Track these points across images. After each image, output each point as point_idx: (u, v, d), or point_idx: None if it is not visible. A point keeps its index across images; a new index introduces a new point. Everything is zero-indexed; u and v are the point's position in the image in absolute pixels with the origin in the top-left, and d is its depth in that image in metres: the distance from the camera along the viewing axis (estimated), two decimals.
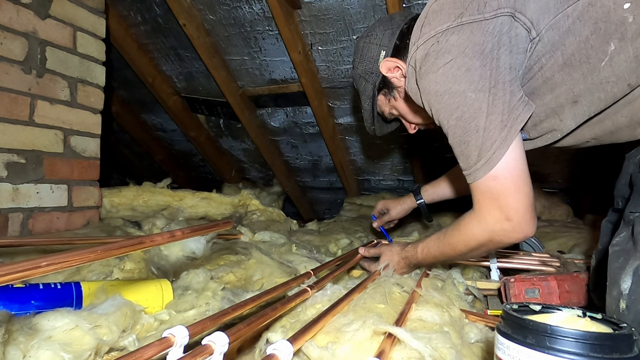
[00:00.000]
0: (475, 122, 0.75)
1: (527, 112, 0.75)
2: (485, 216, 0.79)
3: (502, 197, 0.76)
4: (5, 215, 1.25)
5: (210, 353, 0.47)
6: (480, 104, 0.74)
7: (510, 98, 0.73)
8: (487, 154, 0.74)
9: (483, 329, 0.75)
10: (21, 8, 1.28)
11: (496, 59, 0.73)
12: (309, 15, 1.86)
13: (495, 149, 0.74)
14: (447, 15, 0.77)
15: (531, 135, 0.86)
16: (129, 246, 0.56)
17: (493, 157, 0.74)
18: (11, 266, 0.41)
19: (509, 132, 0.73)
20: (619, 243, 0.65)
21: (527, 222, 0.76)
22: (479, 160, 0.76)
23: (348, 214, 2.42)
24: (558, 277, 0.95)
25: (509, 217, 0.76)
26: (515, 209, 0.75)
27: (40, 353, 0.56)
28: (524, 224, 0.76)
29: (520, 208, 0.75)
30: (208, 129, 2.81)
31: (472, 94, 0.74)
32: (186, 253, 1.19)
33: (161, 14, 2.07)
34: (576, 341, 0.39)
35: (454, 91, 0.76)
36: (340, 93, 2.21)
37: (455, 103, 0.76)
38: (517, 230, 0.77)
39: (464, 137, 0.77)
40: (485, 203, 0.78)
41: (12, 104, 1.26)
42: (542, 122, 0.82)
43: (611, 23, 0.68)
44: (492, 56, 0.73)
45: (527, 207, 0.76)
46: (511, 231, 0.77)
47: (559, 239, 1.60)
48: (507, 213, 0.76)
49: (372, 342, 0.60)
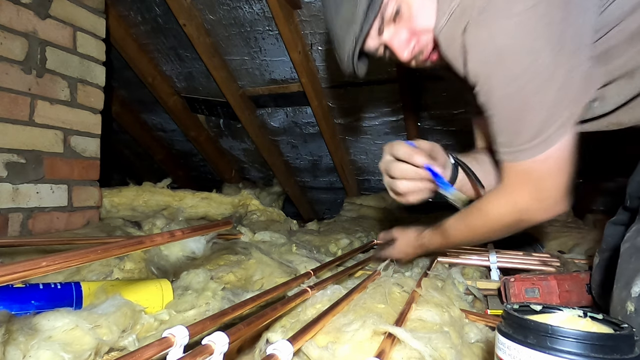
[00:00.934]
0: (543, 93, 0.60)
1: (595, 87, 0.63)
2: (515, 197, 0.71)
3: (543, 180, 0.67)
4: (5, 215, 1.25)
5: (210, 353, 0.47)
6: (556, 70, 0.59)
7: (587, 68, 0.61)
8: (548, 131, 0.62)
9: (483, 329, 0.75)
10: (21, 8, 1.28)
11: (583, 12, 0.59)
12: (309, 15, 1.86)
13: (559, 127, 0.62)
14: None
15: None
16: (129, 246, 0.56)
17: (552, 137, 0.62)
18: (11, 266, 0.41)
19: (576, 109, 0.61)
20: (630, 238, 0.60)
21: (560, 202, 0.69)
22: (535, 138, 0.63)
23: (348, 214, 2.42)
24: (558, 277, 0.95)
25: (542, 198, 0.69)
26: (553, 191, 0.68)
27: (40, 353, 0.56)
28: (557, 206, 0.70)
29: (559, 190, 0.68)
30: (208, 129, 2.81)
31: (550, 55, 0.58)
32: (186, 253, 1.19)
33: (161, 14, 2.07)
34: (577, 341, 0.38)
35: (527, 49, 0.59)
36: (340, 93, 2.21)
37: (525, 65, 0.60)
38: (549, 211, 0.70)
39: (521, 111, 0.63)
40: (519, 184, 0.70)
41: (12, 104, 1.26)
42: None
43: None
44: (579, 8, 0.59)
45: (564, 188, 0.68)
46: (543, 211, 0.70)
47: (559, 239, 1.60)
48: (541, 194, 0.68)
49: (372, 342, 0.60)
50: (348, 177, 2.68)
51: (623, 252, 0.60)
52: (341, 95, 2.22)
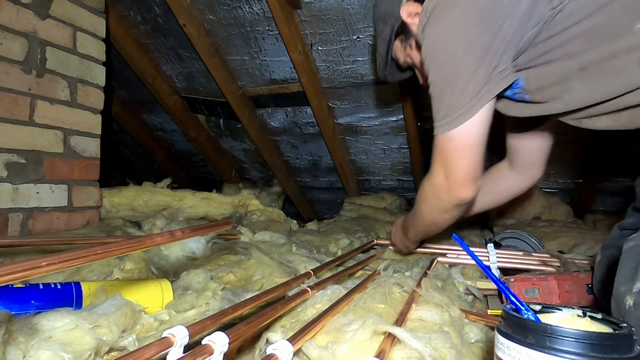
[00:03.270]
0: (454, 83, 0.77)
1: (500, 87, 0.77)
2: (433, 169, 0.87)
3: (448, 157, 0.83)
4: (5, 215, 1.25)
5: (210, 353, 0.47)
6: (465, 68, 0.76)
7: (493, 71, 0.75)
8: (452, 115, 0.79)
9: (483, 329, 0.75)
10: (21, 8, 1.28)
11: (497, 28, 0.73)
12: (309, 15, 1.86)
13: (461, 114, 0.78)
14: None
15: (536, 99, 0.83)
16: (129, 246, 0.56)
17: (455, 120, 0.79)
18: (11, 266, 0.41)
19: (477, 102, 0.77)
20: (635, 238, 0.61)
21: (461, 185, 0.84)
22: (445, 118, 0.80)
23: (348, 214, 2.42)
24: (558, 277, 0.95)
25: (447, 175, 0.84)
26: (454, 171, 0.83)
27: (40, 353, 0.56)
28: (457, 186, 0.84)
29: (459, 172, 0.82)
30: (208, 129, 2.81)
31: (462, 56, 0.76)
32: (186, 253, 1.19)
33: (161, 14, 2.08)
34: (576, 341, 0.38)
35: (447, 49, 0.77)
36: (340, 93, 2.21)
37: (445, 60, 0.78)
38: (453, 189, 0.85)
39: (441, 94, 0.80)
40: (436, 159, 0.86)
41: (12, 104, 1.26)
42: (547, 88, 0.80)
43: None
44: (495, 24, 0.73)
45: (465, 173, 0.82)
46: (447, 188, 0.85)
47: (559, 239, 1.60)
48: (447, 172, 0.84)
49: (372, 342, 0.60)
50: (348, 177, 2.68)
51: (627, 250, 0.61)
52: (341, 95, 2.23)
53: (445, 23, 0.77)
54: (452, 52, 0.77)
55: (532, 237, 1.43)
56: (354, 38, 1.90)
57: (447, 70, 0.78)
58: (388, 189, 2.74)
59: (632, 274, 0.58)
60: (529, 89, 0.82)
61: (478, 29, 0.74)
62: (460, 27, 0.75)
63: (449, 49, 0.77)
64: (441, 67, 0.79)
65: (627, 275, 0.58)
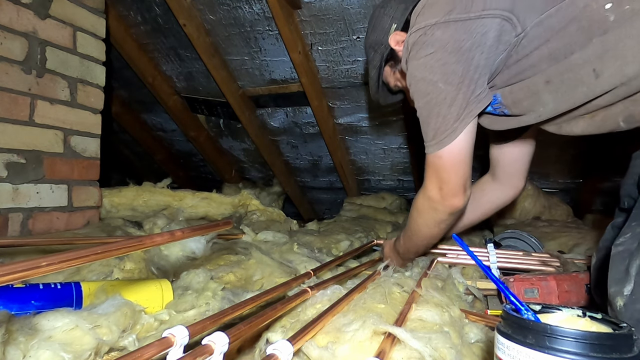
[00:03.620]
0: (438, 108, 0.88)
1: (479, 108, 0.87)
2: (427, 185, 0.97)
3: (441, 172, 0.93)
4: (5, 215, 1.25)
5: (210, 353, 0.47)
6: (446, 95, 0.86)
7: (471, 95, 0.86)
8: (440, 137, 0.89)
9: (483, 329, 0.75)
10: (21, 8, 1.28)
11: (470, 58, 0.83)
12: (309, 15, 1.86)
13: (447, 135, 0.88)
14: (439, 10, 0.86)
15: (513, 112, 0.92)
16: (129, 246, 0.56)
17: (444, 140, 0.89)
18: (11, 266, 0.41)
19: (460, 124, 0.87)
20: (624, 243, 0.64)
21: (455, 195, 0.93)
22: (433, 139, 0.90)
23: (348, 214, 2.42)
24: (557, 277, 0.95)
25: (441, 187, 0.93)
26: (447, 182, 0.92)
27: (40, 353, 0.56)
28: (451, 196, 0.93)
29: (451, 183, 0.92)
30: (208, 129, 2.81)
31: (442, 85, 0.86)
32: (186, 253, 1.19)
33: (161, 14, 2.08)
34: (576, 341, 0.38)
35: (428, 80, 0.88)
36: (340, 93, 2.21)
37: (427, 90, 0.88)
38: (446, 199, 0.93)
39: (427, 118, 0.91)
40: (429, 174, 0.95)
41: (12, 104, 1.26)
42: (522, 101, 0.88)
43: (594, 21, 0.74)
44: (468, 55, 0.83)
45: (457, 184, 0.92)
46: (441, 199, 0.94)
47: (559, 239, 1.60)
48: (440, 184, 0.93)
49: (372, 342, 0.60)
50: (348, 177, 2.68)
51: (615, 254, 0.64)
52: (341, 95, 2.23)
53: (425, 56, 0.87)
54: (433, 82, 0.87)
55: (532, 237, 1.43)
56: (354, 38, 1.90)
57: (431, 98, 0.88)
58: (388, 189, 2.74)
59: (621, 276, 0.61)
60: (506, 103, 0.91)
61: (454, 60, 0.84)
62: (438, 60, 0.85)
63: (431, 79, 0.87)
64: (425, 95, 0.89)
65: (617, 277, 0.61)
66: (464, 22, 0.83)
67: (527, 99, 0.87)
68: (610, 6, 0.72)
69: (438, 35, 0.85)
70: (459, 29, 0.83)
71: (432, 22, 0.86)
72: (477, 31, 0.82)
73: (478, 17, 0.82)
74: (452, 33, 0.84)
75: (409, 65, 0.92)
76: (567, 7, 0.75)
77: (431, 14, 0.87)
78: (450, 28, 0.84)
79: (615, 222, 0.82)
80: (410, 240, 1.12)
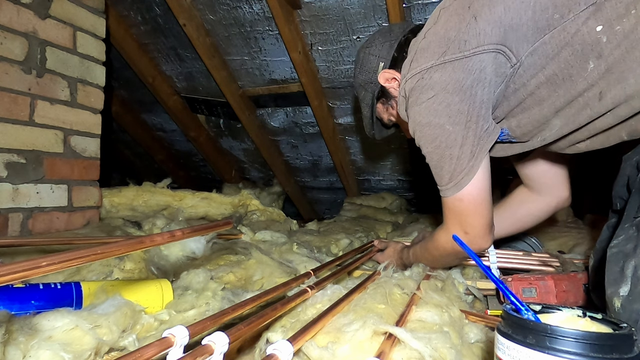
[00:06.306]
0: (450, 150, 0.86)
1: (491, 141, 0.87)
2: (449, 228, 0.95)
3: (464, 215, 0.91)
4: (5, 215, 1.25)
5: (210, 353, 0.47)
6: (456, 136, 0.85)
7: (481, 130, 0.85)
8: (457, 179, 0.88)
9: (483, 329, 0.75)
10: (21, 8, 1.28)
11: (473, 94, 0.83)
12: (309, 15, 1.86)
13: (464, 175, 0.87)
14: (433, 53, 0.86)
15: (521, 139, 0.92)
16: (129, 246, 0.56)
17: (461, 181, 0.88)
18: (11, 266, 0.41)
19: (475, 161, 0.86)
20: (617, 245, 0.65)
21: (482, 237, 0.92)
22: (450, 182, 0.89)
23: (348, 214, 2.42)
24: (555, 277, 0.95)
25: (466, 231, 0.92)
26: (472, 226, 0.91)
27: (40, 353, 0.56)
28: (478, 239, 0.92)
29: (477, 226, 0.91)
30: (208, 129, 2.81)
31: (450, 126, 0.85)
32: (186, 253, 1.19)
33: (161, 14, 2.08)
34: (576, 341, 0.38)
35: (434, 124, 0.86)
36: (340, 93, 2.21)
37: (435, 134, 0.87)
38: (473, 243, 0.92)
39: (439, 162, 0.89)
40: (451, 217, 0.94)
41: (12, 104, 1.26)
42: (531, 132, 0.89)
43: (587, 44, 0.74)
44: (470, 92, 0.83)
45: (482, 226, 0.91)
46: (468, 243, 0.90)
47: (559, 239, 1.60)
48: (466, 228, 0.92)
49: (372, 342, 0.60)
50: (348, 177, 2.68)
51: (610, 256, 0.65)
52: (341, 95, 2.23)
53: (427, 101, 0.86)
54: (440, 125, 0.85)
55: (532, 237, 1.43)
56: (354, 38, 1.90)
57: (440, 142, 0.87)
58: (388, 189, 2.74)
59: (617, 277, 0.61)
60: (514, 135, 0.91)
61: (457, 99, 0.83)
62: (441, 102, 0.84)
63: (437, 122, 0.85)
64: (434, 140, 0.87)
65: (613, 278, 0.62)
66: (460, 60, 0.82)
67: (536, 128, 0.87)
68: (601, 29, 0.72)
69: (437, 77, 0.84)
70: (456, 68, 0.83)
71: (428, 65, 0.85)
72: (475, 68, 0.82)
73: (473, 54, 0.81)
74: (450, 73, 0.83)
75: (411, 112, 0.90)
76: (559, 33, 0.75)
77: (425, 58, 0.86)
78: (448, 69, 0.83)
79: (609, 222, 0.82)
80: (424, 261, 1.10)
